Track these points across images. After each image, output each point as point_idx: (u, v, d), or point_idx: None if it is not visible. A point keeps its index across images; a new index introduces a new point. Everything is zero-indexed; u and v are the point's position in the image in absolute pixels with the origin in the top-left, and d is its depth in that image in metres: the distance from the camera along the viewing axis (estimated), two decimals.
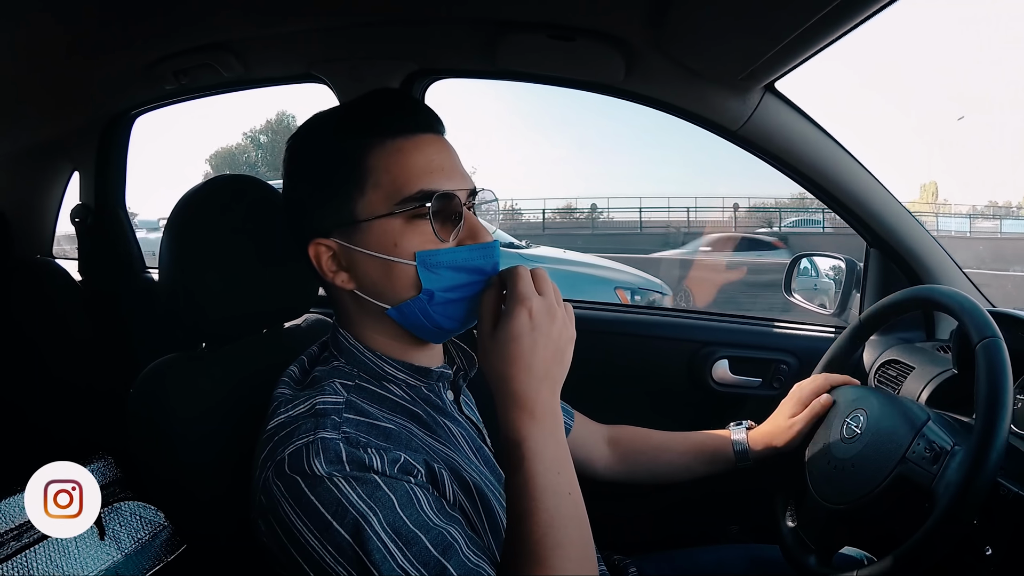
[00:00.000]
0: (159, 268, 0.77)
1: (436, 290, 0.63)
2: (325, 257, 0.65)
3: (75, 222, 1.58)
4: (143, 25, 1.09)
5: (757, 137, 1.08)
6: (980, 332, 0.74)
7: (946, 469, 0.71)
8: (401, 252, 0.62)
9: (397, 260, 0.62)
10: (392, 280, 0.63)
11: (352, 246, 0.63)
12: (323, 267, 0.65)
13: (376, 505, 0.54)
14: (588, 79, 1.13)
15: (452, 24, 1.08)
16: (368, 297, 0.65)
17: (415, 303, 0.63)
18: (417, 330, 0.66)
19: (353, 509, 0.53)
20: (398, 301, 0.64)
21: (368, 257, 0.63)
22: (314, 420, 0.58)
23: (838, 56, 28.67)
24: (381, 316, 0.66)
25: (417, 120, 0.65)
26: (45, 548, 1.00)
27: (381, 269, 0.63)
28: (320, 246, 0.65)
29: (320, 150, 0.66)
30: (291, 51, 1.22)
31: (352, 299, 0.67)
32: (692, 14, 0.85)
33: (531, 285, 0.59)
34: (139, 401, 0.72)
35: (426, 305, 0.63)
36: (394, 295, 0.64)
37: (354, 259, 0.64)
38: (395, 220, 0.62)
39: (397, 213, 0.62)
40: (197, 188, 0.79)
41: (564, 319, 0.60)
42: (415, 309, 0.64)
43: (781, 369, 1.26)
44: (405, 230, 0.62)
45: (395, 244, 0.62)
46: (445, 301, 0.64)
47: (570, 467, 0.59)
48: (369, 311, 0.66)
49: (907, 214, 1.13)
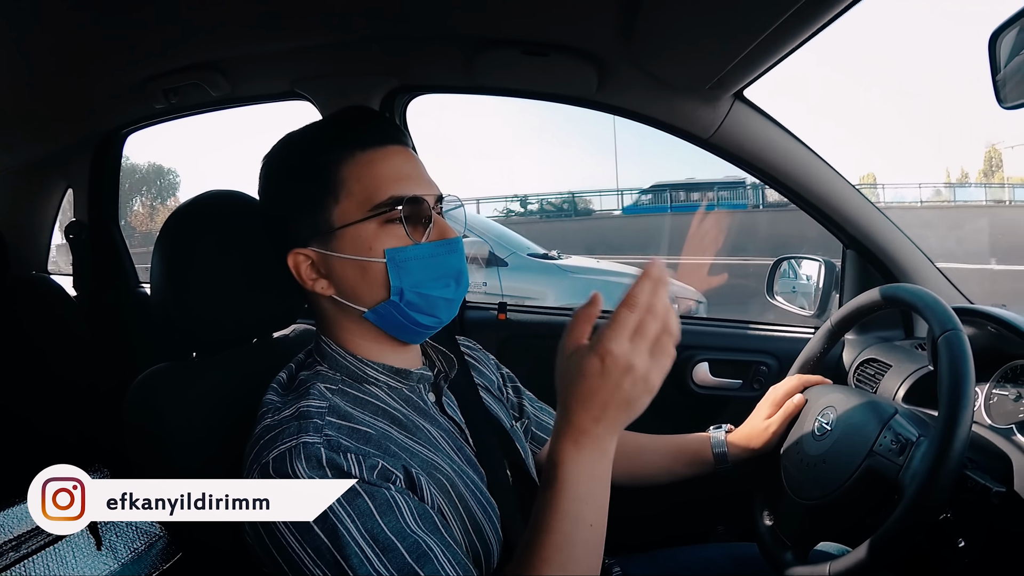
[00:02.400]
0: (151, 280, 0.81)
1: (406, 287, 0.66)
2: (304, 266, 0.68)
3: (69, 238, 1.61)
4: (134, 45, 1.12)
5: (729, 144, 1.10)
6: (942, 325, 0.76)
7: (911, 460, 0.73)
8: (375, 253, 0.66)
9: (370, 260, 0.66)
10: (367, 281, 0.66)
11: (329, 252, 0.67)
12: (302, 275, 0.68)
13: (354, 511, 0.56)
14: (562, 92, 1.16)
15: (431, 42, 1.11)
16: (346, 301, 0.68)
17: (390, 304, 0.67)
18: (395, 329, 0.69)
19: (332, 514, 0.56)
20: (373, 302, 0.67)
21: (344, 261, 0.66)
22: (297, 424, 0.61)
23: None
24: (360, 320, 0.69)
25: (385, 133, 0.69)
26: (43, 559, 1.02)
27: (357, 272, 0.66)
28: (299, 255, 0.68)
29: (295, 165, 0.69)
30: (276, 69, 1.24)
31: (332, 305, 0.70)
32: (658, 25, 0.87)
33: (621, 332, 0.53)
34: (132, 409, 0.75)
35: (399, 303, 0.67)
36: (370, 296, 0.67)
37: (331, 265, 0.67)
38: (369, 225, 0.66)
39: (370, 217, 0.65)
40: (187, 204, 0.82)
41: (646, 374, 0.53)
42: (390, 309, 0.67)
43: (761, 371, 1.28)
44: (379, 233, 0.66)
45: (370, 247, 0.66)
46: (417, 296, 0.67)
47: (602, 500, 0.57)
48: (349, 315, 0.69)
49: (880, 215, 1.15)
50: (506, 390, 0.93)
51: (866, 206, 1.14)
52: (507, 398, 0.92)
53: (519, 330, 1.37)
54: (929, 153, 27.57)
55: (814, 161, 1.10)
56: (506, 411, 0.89)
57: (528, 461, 0.84)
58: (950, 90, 27.97)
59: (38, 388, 1.36)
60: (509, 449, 0.81)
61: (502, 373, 0.95)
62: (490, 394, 0.87)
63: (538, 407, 0.96)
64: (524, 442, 0.88)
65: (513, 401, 0.94)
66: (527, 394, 0.96)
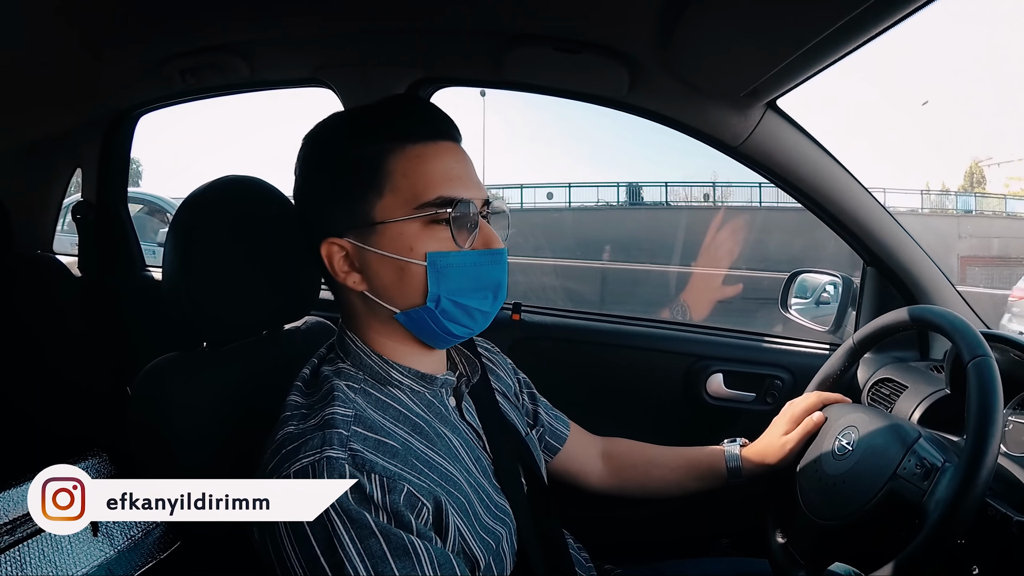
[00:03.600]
0: (163, 267, 0.78)
1: (443, 294, 0.64)
2: (337, 257, 0.65)
3: (76, 218, 1.58)
4: (152, 24, 1.10)
5: (757, 153, 1.09)
6: (972, 351, 0.74)
7: (936, 486, 0.72)
8: (416, 255, 0.63)
9: (410, 261, 0.63)
10: (404, 283, 0.64)
11: (367, 247, 0.64)
12: (335, 267, 0.65)
13: (365, 553, 0.54)
14: (591, 92, 1.14)
15: (461, 34, 1.09)
16: (378, 299, 0.65)
17: (423, 310, 0.64)
18: (425, 335, 0.67)
19: (341, 550, 0.53)
20: (407, 305, 0.65)
21: (382, 258, 0.64)
22: (321, 435, 0.58)
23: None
24: (389, 319, 0.66)
25: (437, 127, 0.66)
26: (38, 543, 1.00)
27: (394, 271, 0.64)
28: (333, 245, 0.65)
29: (338, 151, 0.66)
30: (298, 55, 1.22)
31: (361, 301, 0.67)
32: (699, 32, 0.86)
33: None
34: (139, 399, 0.73)
35: (434, 311, 0.64)
36: (404, 299, 0.65)
37: (367, 260, 0.64)
38: (412, 224, 0.63)
39: (415, 217, 0.63)
40: (203, 188, 0.79)
41: None
42: (423, 315, 0.65)
43: (775, 385, 1.27)
44: (421, 234, 0.63)
45: (411, 248, 0.63)
46: (453, 305, 0.65)
47: None
48: (378, 314, 0.67)
49: (904, 234, 1.14)
50: (522, 396, 0.92)
51: (891, 224, 1.13)
52: (523, 404, 0.91)
53: (533, 332, 1.36)
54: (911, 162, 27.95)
55: (842, 175, 1.09)
56: (521, 418, 0.87)
57: (541, 469, 0.83)
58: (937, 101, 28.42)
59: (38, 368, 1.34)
60: (524, 457, 0.79)
61: (519, 378, 0.93)
62: (507, 400, 0.86)
63: (553, 415, 0.95)
64: (539, 450, 0.86)
65: (528, 408, 0.92)
66: (542, 401, 0.95)
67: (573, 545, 0.87)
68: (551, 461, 0.94)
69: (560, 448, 0.94)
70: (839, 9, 0.69)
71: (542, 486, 0.80)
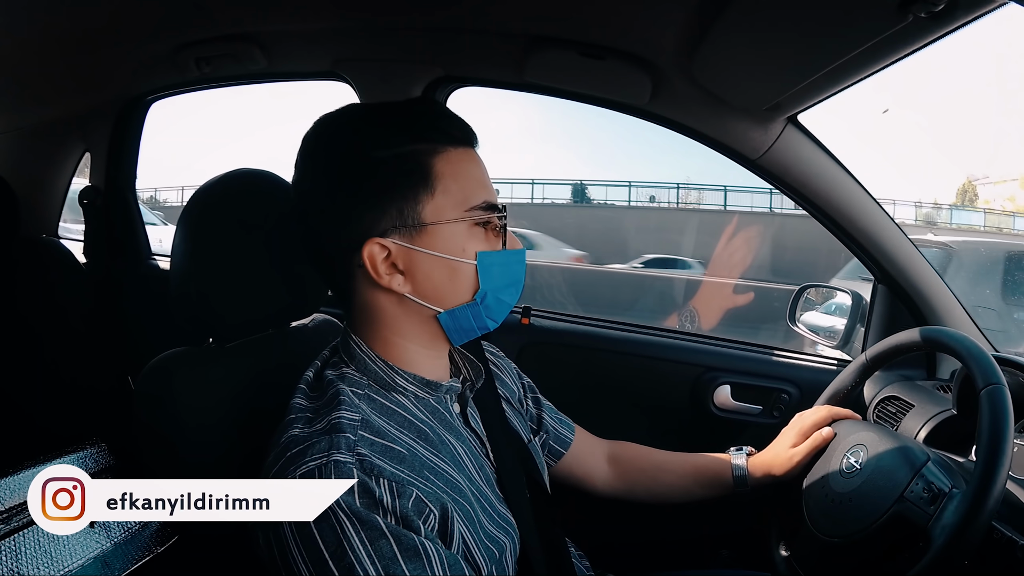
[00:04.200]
0: (171, 260, 0.77)
1: (489, 290, 0.66)
2: (380, 258, 0.63)
3: (83, 204, 1.57)
4: (169, 10, 1.09)
5: (775, 167, 1.08)
6: (986, 378, 0.75)
7: (943, 511, 0.72)
8: (467, 255, 0.65)
9: (463, 261, 0.64)
10: (455, 282, 0.65)
11: (417, 248, 0.63)
12: (378, 269, 0.63)
13: (376, 554, 0.53)
14: (613, 98, 1.13)
15: (483, 35, 1.08)
16: (422, 300, 0.65)
17: (469, 307, 0.66)
18: (457, 331, 0.68)
19: (351, 553, 0.53)
20: (455, 303, 0.66)
21: (434, 259, 0.64)
22: (328, 439, 0.57)
23: None
24: (423, 320, 0.66)
25: (467, 132, 0.68)
26: (34, 533, 0.99)
27: (446, 271, 0.64)
28: (375, 246, 0.63)
29: (368, 149, 0.63)
30: (317, 47, 1.21)
31: (396, 303, 0.66)
32: (725, 45, 0.86)
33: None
34: (144, 393, 0.72)
35: (478, 307, 0.66)
36: (453, 297, 0.66)
37: (416, 261, 0.64)
38: (461, 225, 0.64)
39: (464, 219, 0.64)
40: (212, 182, 0.78)
41: None
42: (468, 313, 0.66)
43: (782, 398, 1.26)
44: (470, 235, 0.65)
45: (463, 248, 0.64)
46: (495, 301, 0.67)
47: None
48: (413, 315, 0.66)
49: (918, 254, 1.14)
50: (526, 401, 0.92)
51: (904, 243, 1.13)
52: (527, 410, 0.91)
53: (542, 336, 1.36)
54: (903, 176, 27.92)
55: (858, 192, 1.09)
56: (525, 424, 0.87)
57: (544, 477, 0.83)
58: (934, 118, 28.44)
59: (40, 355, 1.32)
60: (528, 466, 0.79)
61: (523, 383, 0.93)
62: (511, 406, 0.85)
63: (557, 419, 0.95)
64: (541, 457, 0.86)
65: (532, 413, 0.92)
66: (547, 404, 0.94)
67: (575, 553, 0.87)
68: (556, 464, 0.94)
69: (565, 452, 0.94)
70: (869, 30, 0.70)
71: (545, 495, 0.80)
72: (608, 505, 0.98)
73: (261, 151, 18.21)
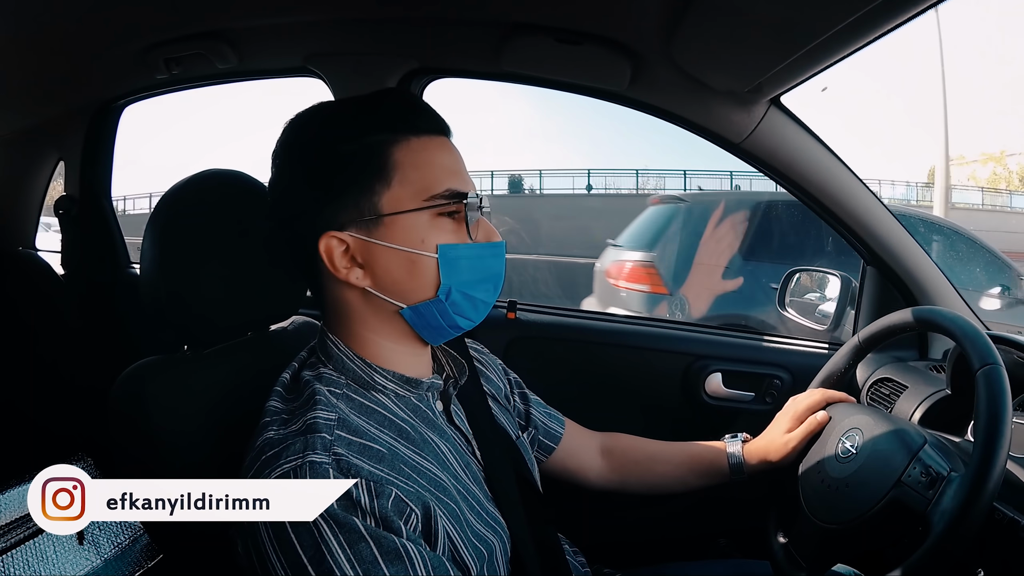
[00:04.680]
0: (140, 267, 0.74)
1: (454, 286, 0.63)
2: (338, 252, 0.63)
3: (59, 214, 1.54)
4: (135, 11, 1.05)
5: (760, 151, 1.07)
6: (982, 358, 0.74)
7: (942, 496, 0.71)
8: (427, 247, 0.62)
9: (422, 253, 0.62)
10: (415, 276, 0.63)
11: (374, 240, 0.62)
12: (335, 263, 0.63)
13: (355, 558, 0.52)
14: (592, 85, 1.12)
15: (459, 24, 1.06)
16: (383, 295, 0.63)
17: (434, 303, 0.63)
18: (427, 330, 0.66)
19: (330, 557, 0.51)
20: (417, 299, 0.63)
21: (391, 252, 0.62)
22: (304, 440, 0.56)
23: None
24: (389, 316, 0.65)
25: (434, 121, 0.65)
26: (23, 553, 0.98)
27: (405, 264, 0.62)
28: (333, 239, 0.62)
29: (334, 141, 0.63)
30: (288, 43, 1.18)
31: (360, 298, 0.65)
32: (704, 26, 0.84)
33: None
34: (118, 405, 0.70)
35: (444, 303, 0.63)
36: (414, 292, 0.63)
37: (374, 254, 0.62)
38: (422, 215, 0.62)
39: (424, 209, 0.62)
40: (182, 183, 0.76)
41: None
42: (433, 310, 0.64)
43: (774, 384, 1.26)
44: (431, 226, 0.62)
45: (422, 240, 0.62)
46: (462, 297, 0.64)
47: None
48: (378, 311, 0.65)
49: (906, 234, 1.13)
50: (513, 398, 0.90)
51: (893, 224, 1.12)
52: (513, 406, 0.90)
53: (528, 331, 1.34)
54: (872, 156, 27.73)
55: (844, 174, 1.08)
56: (512, 420, 0.86)
57: (534, 474, 0.81)
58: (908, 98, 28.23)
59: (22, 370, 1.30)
60: (516, 463, 0.78)
61: (509, 379, 0.92)
62: (497, 403, 0.84)
63: (546, 414, 0.94)
64: (530, 454, 0.85)
65: (520, 409, 0.91)
66: (534, 399, 0.93)
67: (569, 550, 0.86)
68: (548, 459, 0.93)
69: (555, 446, 0.93)
70: (847, 7, 0.68)
71: (535, 492, 0.78)
72: (603, 500, 0.98)
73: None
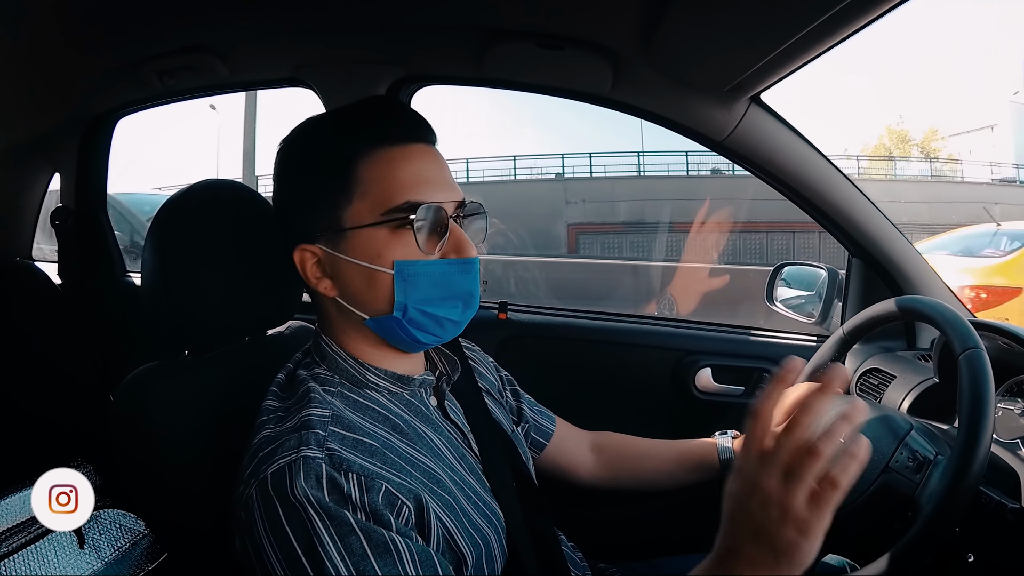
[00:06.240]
0: (141, 274, 0.76)
1: (410, 303, 0.63)
2: (310, 263, 0.65)
3: (55, 224, 1.55)
4: (128, 25, 1.07)
5: (742, 148, 1.08)
6: (963, 343, 0.75)
7: (929, 478, 0.72)
8: (383, 262, 0.62)
9: (378, 269, 0.62)
10: (372, 290, 0.63)
11: (337, 253, 0.63)
12: (307, 273, 0.65)
13: (346, 551, 0.53)
14: (575, 88, 1.13)
15: (441, 31, 1.08)
16: (349, 305, 0.65)
17: (391, 319, 0.64)
18: (395, 341, 0.67)
19: (322, 549, 0.53)
20: (376, 312, 0.64)
21: (352, 265, 0.63)
22: (298, 436, 0.57)
23: None
24: (361, 325, 0.66)
25: (409, 130, 0.65)
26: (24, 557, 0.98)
27: (363, 278, 0.63)
28: (305, 251, 0.65)
29: (311, 155, 0.65)
30: (277, 54, 1.20)
31: (335, 306, 0.67)
32: (683, 26, 0.85)
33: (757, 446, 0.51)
34: (120, 411, 0.71)
35: (401, 319, 0.63)
36: (373, 306, 0.64)
37: (338, 266, 0.64)
38: (381, 230, 0.62)
39: (382, 223, 0.62)
40: (181, 193, 0.78)
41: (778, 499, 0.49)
42: (391, 323, 0.64)
43: (764, 377, 1.27)
44: (390, 240, 0.62)
45: (378, 255, 0.62)
46: (421, 315, 0.64)
47: None
48: (350, 319, 0.66)
49: (890, 225, 1.14)
50: (505, 393, 0.92)
51: (876, 216, 1.13)
52: (506, 402, 0.91)
53: (520, 330, 1.35)
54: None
55: (826, 168, 1.09)
56: (507, 415, 0.87)
57: (529, 467, 0.82)
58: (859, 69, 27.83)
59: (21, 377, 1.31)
60: (512, 455, 0.79)
61: (501, 376, 0.93)
62: (491, 397, 0.85)
63: (537, 411, 0.95)
64: (525, 447, 0.86)
65: (512, 405, 0.92)
66: (526, 397, 0.94)
67: (567, 544, 0.87)
68: (539, 457, 0.94)
69: (547, 443, 0.94)
70: (821, 5, 0.69)
71: (531, 484, 0.79)
72: (598, 490, 0.98)
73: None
